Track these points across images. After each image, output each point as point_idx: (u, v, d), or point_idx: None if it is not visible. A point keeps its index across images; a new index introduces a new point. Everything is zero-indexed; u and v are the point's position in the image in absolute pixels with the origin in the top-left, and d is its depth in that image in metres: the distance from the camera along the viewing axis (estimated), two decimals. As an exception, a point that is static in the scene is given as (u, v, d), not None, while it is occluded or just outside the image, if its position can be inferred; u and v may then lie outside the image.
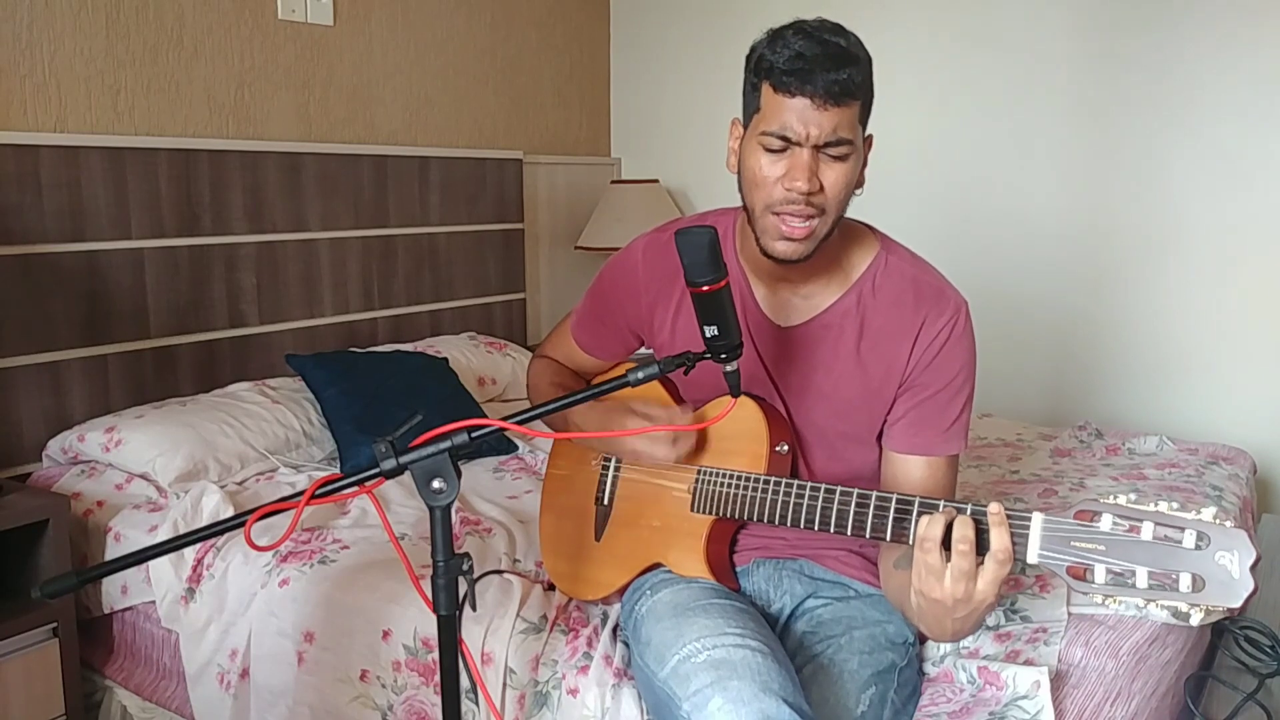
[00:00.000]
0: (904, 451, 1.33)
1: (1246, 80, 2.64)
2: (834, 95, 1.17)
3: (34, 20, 2.15)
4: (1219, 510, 0.95)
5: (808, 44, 1.18)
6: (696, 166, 3.60)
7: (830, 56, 1.17)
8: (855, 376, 1.33)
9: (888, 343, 1.32)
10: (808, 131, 1.18)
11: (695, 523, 1.37)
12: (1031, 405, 3.06)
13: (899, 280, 1.33)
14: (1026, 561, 1.03)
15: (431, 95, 3.05)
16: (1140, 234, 2.84)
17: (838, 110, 1.18)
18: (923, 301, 1.31)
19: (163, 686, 1.96)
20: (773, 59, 1.19)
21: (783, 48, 1.19)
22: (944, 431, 1.31)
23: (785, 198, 1.21)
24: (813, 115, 1.18)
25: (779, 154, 1.21)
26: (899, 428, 1.33)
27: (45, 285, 2.18)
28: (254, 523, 1.04)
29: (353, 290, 2.82)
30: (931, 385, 1.31)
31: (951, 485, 1.34)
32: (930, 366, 1.31)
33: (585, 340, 1.55)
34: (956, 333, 1.31)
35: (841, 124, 1.19)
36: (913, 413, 1.32)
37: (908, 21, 3.08)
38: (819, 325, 1.34)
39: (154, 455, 2.07)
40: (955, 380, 1.31)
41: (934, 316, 1.31)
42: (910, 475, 1.32)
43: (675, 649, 1.22)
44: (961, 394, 1.32)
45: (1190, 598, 0.93)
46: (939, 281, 1.34)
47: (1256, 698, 1.50)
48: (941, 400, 1.31)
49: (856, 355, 1.33)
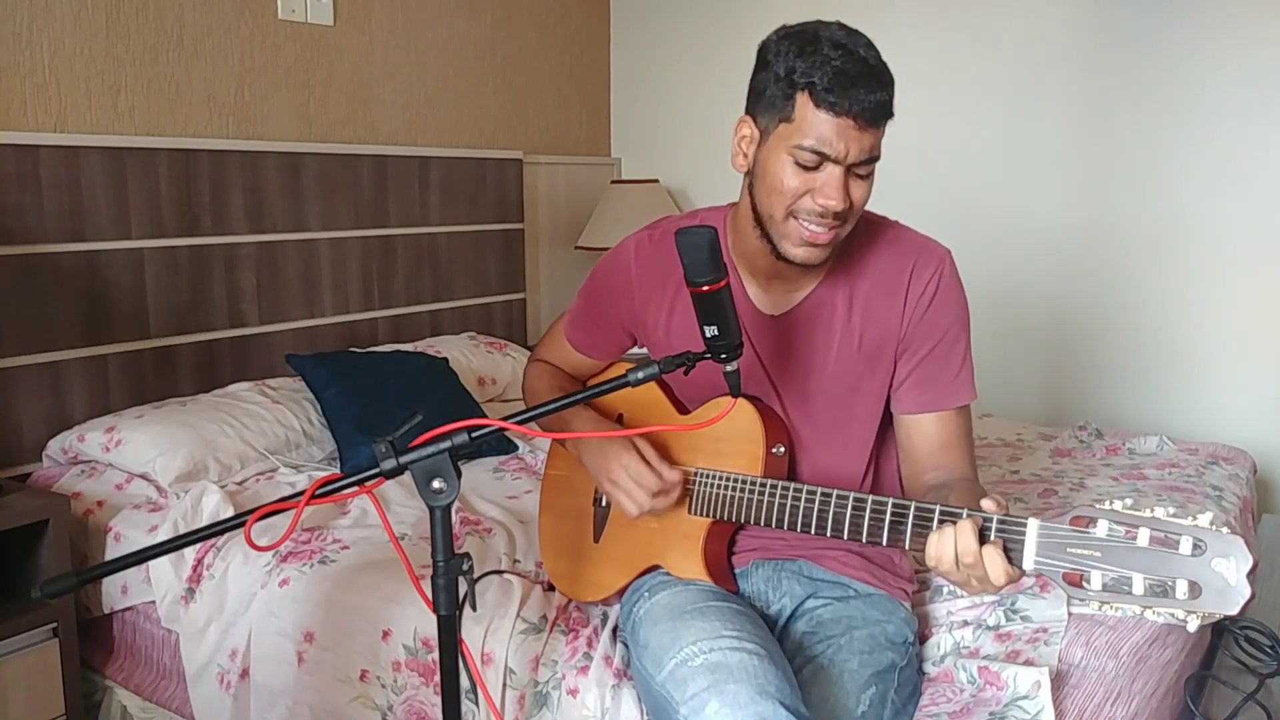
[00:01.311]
0: (915, 411, 1.34)
1: (1247, 80, 2.64)
2: (876, 117, 1.17)
3: (34, 20, 2.15)
4: (1216, 516, 0.95)
5: (848, 60, 1.16)
6: (696, 166, 3.59)
7: (872, 75, 1.16)
8: (853, 346, 1.34)
9: (879, 302, 1.33)
10: (848, 150, 1.18)
11: (693, 525, 1.37)
12: (1031, 405, 3.06)
13: (879, 242, 1.35)
14: (1022, 568, 1.03)
15: (431, 95, 3.05)
16: (1140, 234, 2.84)
17: (875, 130, 1.19)
18: (907, 256, 1.33)
19: (163, 686, 1.96)
20: (813, 72, 1.16)
21: (823, 63, 1.16)
22: (950, 383, 1.33)
23: (814, 210, 1.21)
24: (854, 134, 1.17)
25: (811, 169, 1.20)
26: (905, 389, 1.35)
27: (45, 285, 2.18)
28: (254, 523, 1.04)
29: (353, 290, 2.82)
30: (929, 340, 1.32)
31: (968, 435, 1.35)
32: (924, 320, 1.32)
33: (579, 340, 1.56)
34: (945, 282, 1.32)
35: (875, 143, 1.20)
36: (916, 372, 1.33)
37: (909, 21, 3.09)
38: (810, 305, 1.35)
39: (154, 455, 2.07)
40: (951, 330, 1.33)
41: (920, 268, 1.32)
42: (926, 434, 1.34)
43: (672, 652, 1.22)
44: (959, 343, 1.34)
45: (1187, 605, 0.93)
46: (919, 237, 1.36)
47: (1256, 698, 1.50)
48: (941, 353, 1.33)
49: (849, 324, 1.34)
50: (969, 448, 1.35)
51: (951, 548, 1.05)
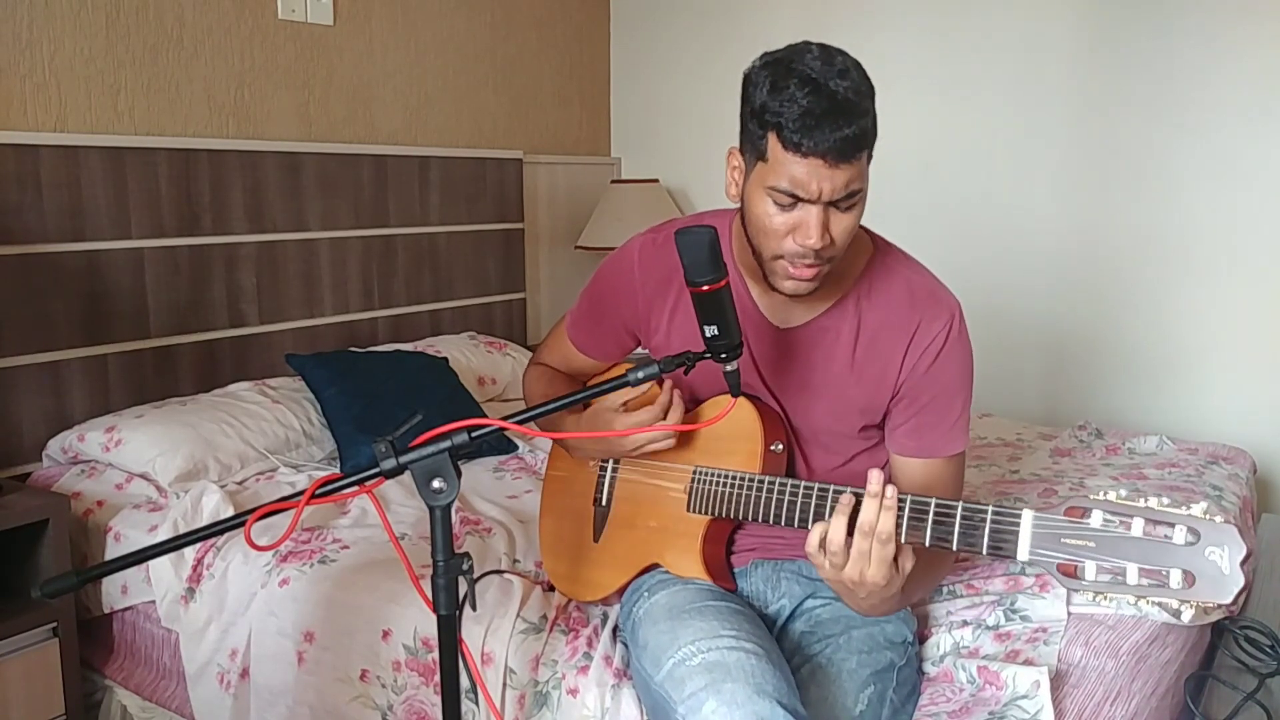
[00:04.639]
0: (909, 455, 1.34)
1: (1246, 80, 2.64)
2: (846, 153, 1.13)
3: (34, 20, 2.15)
4: (1209, 505, 0.95)
5: (815, 99, 1.12)
6: (696, 166, 3.59)
7: (839, 111, 1.12)
8: (850, 378, 1.34)
9: (883, 345, 1.32)
10: (820, 189, 1.15)
11: (691, 523, 1.37)
12: (1031, 405, 3.06)
13: (893, 281, 1.34)
14: (1018, 559, 1.03)
15: (431, 95, 3.05)
16: (1140, 234, 2.84)
17: (849, 166, 1.15)
18: (916, 304, 1.32)
19: (163, 686, 1.96)
20: (779, 112, 1.13)
21: (789, 102, 1.12)
22: (946, 432, 1.32)
23: (795, 250, 1.20)
24: (825, 173, 1.14)
25: (789, 208, 1.19)
26: (901, 433, 1.34)
27: (45, 285, 2.18)
28: (254, 523, 1.04)
29: (353, 290, 2.82)
30: (930, 390, 1.32)
31: (955, 479, 1.35)
32: (928, 373, 1.31)
33: (581, 341, 1.55)
34: (952, 338, 1.31)
35: (853, 177, 1.16)
36: (914, 419, 1.33)
37: (907, 25, 3.08)
38: (817, 328, 1.35)
39: (154, 455, 2.07)
40: (953, 384, 1.32)
41: (929, 320, 1.31)
42: (912, 475, 1.34)
43: (670, 652, 1.22)
44: (960, 395, 1.33)
45: (1181, 594, 0.93)
46: (932, 283, 1.35)
47: (1256, 698, 1.50)
48: (941, 404, 1.32)
49: (852, 357, 1.33)
50: (954, 492, 1.35)
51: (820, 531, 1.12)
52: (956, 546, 1.08)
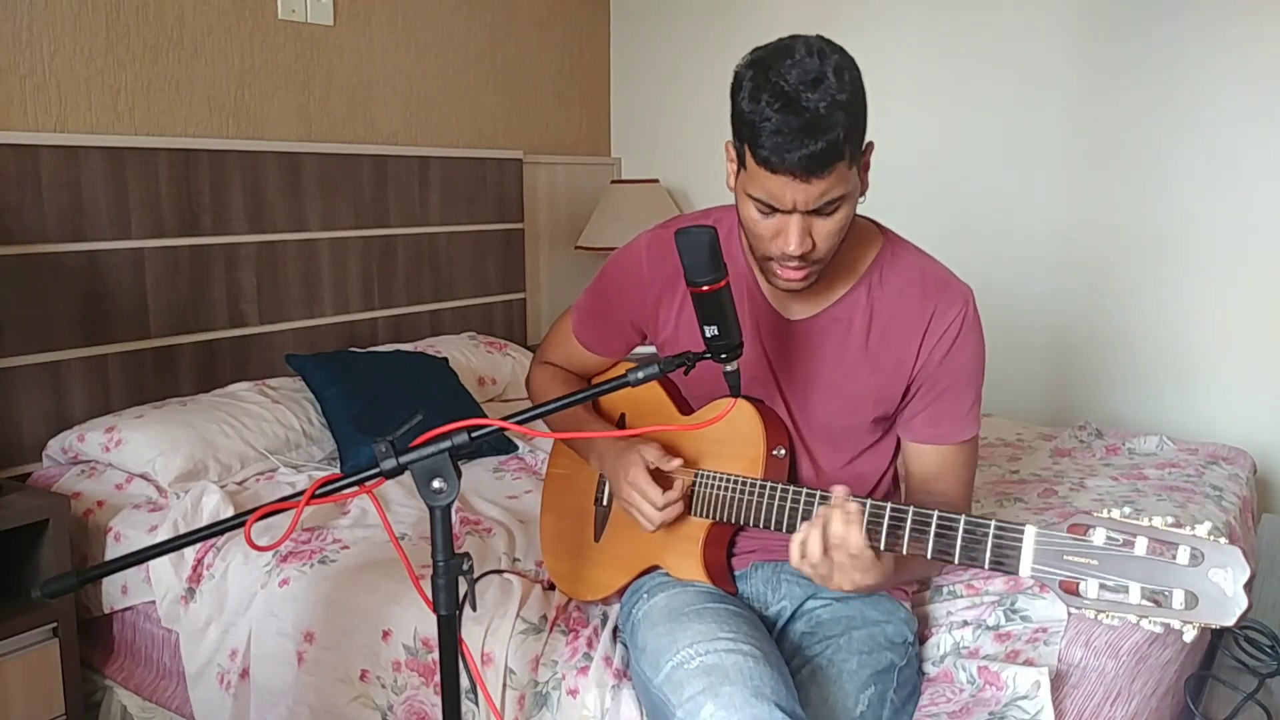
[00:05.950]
0: (925, 442, 1.36)
1: (1246, 80, 2.64)
2: (814, 170, 1.12)
3: (34, 20, 2.15)
4: (1214, 526, 0.95)
5: (785, 116, 1.10)
6: (696, 166, 3.59)
7: (808, 128, 1.10)
8: (864, 369, 1.34)
9: (896, 334, 1.33)
10: (794, 201, 1.16)
11: (692, 526, 1.37)
12: (1031, 405, 3.06)
13: (905, 271, 1.34)
14: (1019, 575, 1.03)
15: (431, 95, 3.05)
16: (1140, 234, 2.84)
17: (822, 179, 1.14)
18: (930, 293, 1.33)
19: (163, 686, 1.96)
20: (752, 125, 1.13)
21: (761, 118, 1.12)
22: (962, 418, 1.35)
23: (779, 254, 1.21)
24: (798, 187, 1.14)
25: (769, 215, 1.19)
26: (919, 421, 1.36)
27: (45, 285, 2.18)
28: (254, 523, 1.04)
29: (353, 290, 2.82)
30: (946, 377, 1.33)
31: (967, 465, 1.38)
32: (945, 360, 1.32)
33: (587, 338, 1.55)
34: (967, 324, 1.32)
35: (829, 187, 1.15)
36: (932, 407, 1.34)
37: (908, 23, 3.08)
38: (828, 318, 1.35)
39: (154, 455, 2.07)
40: (968, 370, 1.34)
41: (943, 308, 1.32)
42: (926, 462, 1.36)
43: (669, 655, 1.22)
44: (974, 381, 1.35)
45: (1183, 615, 0.92)
46: (944, 272, 1.36)
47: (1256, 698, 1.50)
48: (957, 390, 1.34)
49: (865, 348, 1.34)
50: (965, 478, 1.37)
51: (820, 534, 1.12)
52: (958, 560, 1.08)
